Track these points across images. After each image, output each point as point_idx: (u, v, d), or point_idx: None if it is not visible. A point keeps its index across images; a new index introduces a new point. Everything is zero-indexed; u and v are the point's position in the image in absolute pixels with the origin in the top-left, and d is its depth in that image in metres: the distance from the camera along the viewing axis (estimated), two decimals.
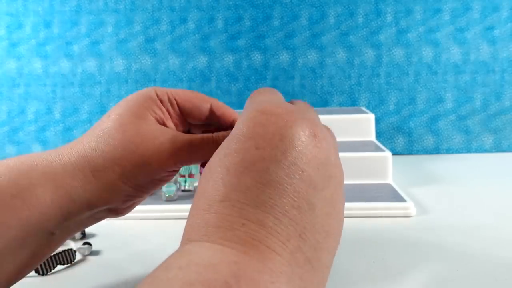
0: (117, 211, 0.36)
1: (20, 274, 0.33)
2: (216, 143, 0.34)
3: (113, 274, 0.45)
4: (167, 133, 0.34)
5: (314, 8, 1.00)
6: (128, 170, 0.32)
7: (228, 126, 0.38)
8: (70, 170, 0.32)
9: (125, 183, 0.33)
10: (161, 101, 0.36)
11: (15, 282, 0.33)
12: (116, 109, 0.35)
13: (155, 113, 0.35)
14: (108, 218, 0.37)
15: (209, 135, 0.35)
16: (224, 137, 0.34)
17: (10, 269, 0.31)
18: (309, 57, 1.01)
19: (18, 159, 0.32)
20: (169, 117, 0.37)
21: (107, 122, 0.34)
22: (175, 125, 0.38)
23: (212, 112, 0.38)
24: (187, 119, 0.38)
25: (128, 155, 0.32)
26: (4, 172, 0.31)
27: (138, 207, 0.61)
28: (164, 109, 0.36)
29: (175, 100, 0.37)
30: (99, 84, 1.04)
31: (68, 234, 0.34)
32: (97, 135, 0.33)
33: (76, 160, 0.32)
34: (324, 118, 0.83)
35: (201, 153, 0.34)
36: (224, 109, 0.38)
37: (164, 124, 0.36)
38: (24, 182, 0.31)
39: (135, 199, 0.35)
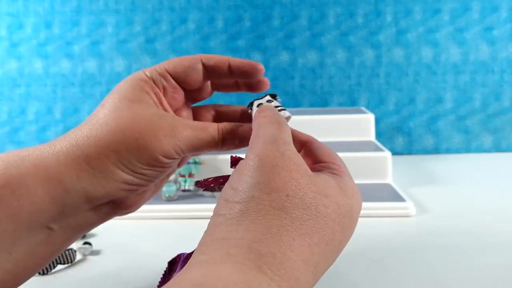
0: (123, 205, 0.34)
1: (19, 277, 0.30)
2: (222, 132, 0.33)
3: (113, 274, 0.46)
4: (166, 117, 0.32)
5: (314, 8, 1.00)
6: (123, 156, 0.30)
7: (226, 72, 0.36)
8: (62, 159, 0.30)
9: (122, 170, 0.30)
10: (153, 81, 0.34)
11: (14, 287, 0.30)
12: (110, 98, 0.33)
13: (150, 95, 0.34)
14: (117, 216, 0.35)
15: (213, 124, 0.33)
16: (231, 126, 0.33)
17: (4, 268, 0.29)
18: (309, 57, 1.01)
19: (11, 152, 0.31)
20: (163, 97, 0.35)
21: (101, 111, 0.32)
22: (173, 99, 0.36)
23: (205, 66, 0.36)
24: (184, 87, 0.36)
25: (122, 140, 0.30)
26: None
27: None
28: (157, 89, 0.35)
29: (166, 71, 0.35)
30: (100, 84, 1.04)
31: (70, 232, 0.31)
32: (91, 123, 0.31)
33: (69, 148, 0.30)
34: (324, 118, 0.83)
35: (204, 141, 0.33)
36: (216, 58, 0.36)
37: (161, 104, 0.35)
38: (14, 172, 0.29)
39: (138, 188, 0.33)
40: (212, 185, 0.32)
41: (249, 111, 0.35)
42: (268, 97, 0.35)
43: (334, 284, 0.42)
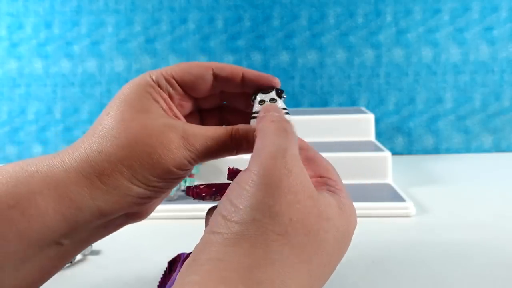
0: (136, 216, 0.33)
1: None
2: (235, 138, 0.31)
3: (113, 274, 0.45)
4: (176, 127, 0.31)
5: (314, 8, 1.00)
6: (137, 171, 0.29)
7: (238, 84, 0.34)
8: (73, 176, 0.29)
9: (136, 185, 0.30)
10: (159, 86, 0.32)
11: None
12: (115, 105, 0.31)
13: (158, 102, 0.32)
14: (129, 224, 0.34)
15: (226, 128, 0.31)
16: (244, 131, 0.31)
17: (12, 285, 0.28)
18: (309, 57, 1.01)
19: (18, 164, 0.29)
20: (171, 102, 0.33)
21: (108, 120, 0.30)
22: (180, 106, 0.34)
23: (216, 76, 0.34)
24: (191, 94, 0.34)
25: (135, 155, 0.29)
26: (2, 180, 0.28)
27: None
28: (165, 95, 0.33)
29: (173, 77, 0.33)
30: (100, 84, 1.04)
31: (80, 245, 0.31)
32: (99, 135, 0.30)
33: (79, 164, 0.29)
34: (324, 118, 0.83)
35: (217, 149, 0.31)
36: (229, 69, 0.34)
37: (170, 110, 0.33)
38: (23, 190, 0.28)
39: (152, 200, 0.32)
40: (204, 194, 0.31)
41: (251, 103, 0.34)
42: (273, 94, 0.33)
43: (334, 284, 0.42)
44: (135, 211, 0.32)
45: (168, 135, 0.30)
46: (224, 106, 0.38)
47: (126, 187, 0.29)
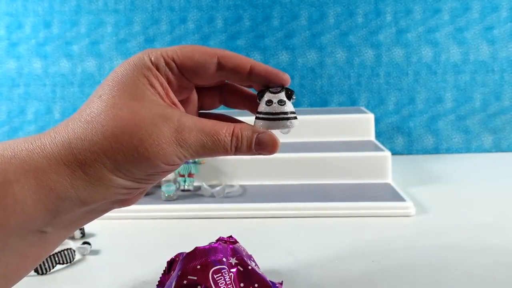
0: (123, 202, 0.31)
1: (11, 278, 0.29)
2: (237, 139, 0.30)
3: (112, 273, 0.45)
4: (171, 118, 0.28)
5: (313, 8, 1.00)
6: (121, 164, 0.27)
7: (244, 77, 0.32)
8: (54, 163, 0.27)
9: (120, 177, 0.28)
10: (157, 69, 0.30)
11: (9, 287, 0.29)
12: (107, 88, 0.29)
13: (154, 88, 0.29)
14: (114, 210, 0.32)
15: (228, 125, 0.29)
16: (248, 132, 0.30)
17: None
18: (308, 57, 1.01)
19: None
20: (169, 88, 0.31)
21: (98, 104, 0.28)
22: (178, 92, 0.32)
23: (221, 65, 0.31)
24: (191, 80, 0.32)
25: (120, 147, 0.27)
26: None
27: (138, 207, 0.61)
28: (162, 79, 0.30)
29: (173, 61, 0.30)
30: (99, 84, 1.04)
31: (65, 231, 0.29)
32: (85, 120, 0.28)
33: (61, 151, 0.27)
34: (324, 118, 0.83)
35: (212, 147, 0.29)
36: (236, 59, 0.31)
37: (167, 96, 0.30)
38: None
39: (138, 190, 0.30)
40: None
41: (258, 101, 0.32)
42: (282, 95, 0.31)
43: (334, 283, 0.41)
44: (121, 199, 0.31)
45: (160, 128, 0.28)
46: (225, 85, 0.35)
47: (109, 179, 0.28)
